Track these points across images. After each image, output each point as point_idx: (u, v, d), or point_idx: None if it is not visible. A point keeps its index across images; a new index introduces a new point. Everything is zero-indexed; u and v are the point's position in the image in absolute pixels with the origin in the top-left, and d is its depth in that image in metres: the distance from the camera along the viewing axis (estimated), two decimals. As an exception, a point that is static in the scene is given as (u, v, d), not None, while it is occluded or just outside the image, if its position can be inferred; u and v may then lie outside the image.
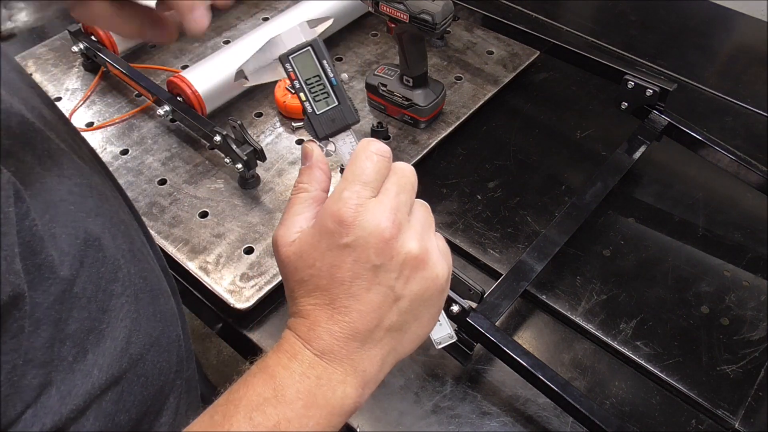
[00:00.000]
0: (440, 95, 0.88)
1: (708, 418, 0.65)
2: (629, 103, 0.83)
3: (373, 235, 0.39)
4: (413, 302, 0.41)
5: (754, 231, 0.80)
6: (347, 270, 0.39)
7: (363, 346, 0.40)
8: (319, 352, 0.40)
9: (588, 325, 0.71)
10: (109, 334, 0.40)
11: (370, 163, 0.41)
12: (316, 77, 0.44)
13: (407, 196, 0.42)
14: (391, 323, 0.41)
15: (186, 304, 0.81)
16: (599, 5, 1.15)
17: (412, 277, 0.40)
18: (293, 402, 0.39)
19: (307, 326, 0.40)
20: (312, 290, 0.40)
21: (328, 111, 0.44)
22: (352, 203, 0.39)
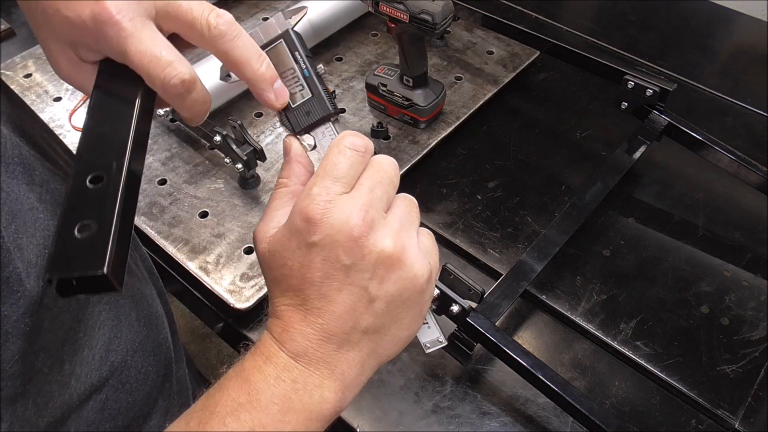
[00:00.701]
0: (440, 95, 0.88)
1: (708, 418, 0.65)
2: (629, 103, 0.83)
3: (341, 233, 0.37)
4: (390, 303, 0.39)
5: (754, 231, 0.80)
6: (317, 270, 0.37)
7: (339, 349, 0.38)
8: (293, 354, 0.38)
9: (588, 325, 0.71)
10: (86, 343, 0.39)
11: (343, 158, 0.39)
12: (290, 70, 0.43)
13: (383, 191, 0.39)
14: (368, 325, 0.39)
15: (186, 304, 0.81)
16: (599, 5, 1.15)
17: (387, 277, 0.38)
18: (268, 407, 0.37)
19: (281, 327, 0.39)
20: (285, 290, 0.39)
21: (303, 104, 0.43)
22: (321, 200, 0.37)
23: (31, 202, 0.36)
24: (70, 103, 0.93)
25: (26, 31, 1.08)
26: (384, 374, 0.67)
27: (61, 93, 0.95)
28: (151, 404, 0.43)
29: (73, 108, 0.93)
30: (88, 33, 0.36)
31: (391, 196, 0.40)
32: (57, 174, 0.41)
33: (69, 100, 0.94)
